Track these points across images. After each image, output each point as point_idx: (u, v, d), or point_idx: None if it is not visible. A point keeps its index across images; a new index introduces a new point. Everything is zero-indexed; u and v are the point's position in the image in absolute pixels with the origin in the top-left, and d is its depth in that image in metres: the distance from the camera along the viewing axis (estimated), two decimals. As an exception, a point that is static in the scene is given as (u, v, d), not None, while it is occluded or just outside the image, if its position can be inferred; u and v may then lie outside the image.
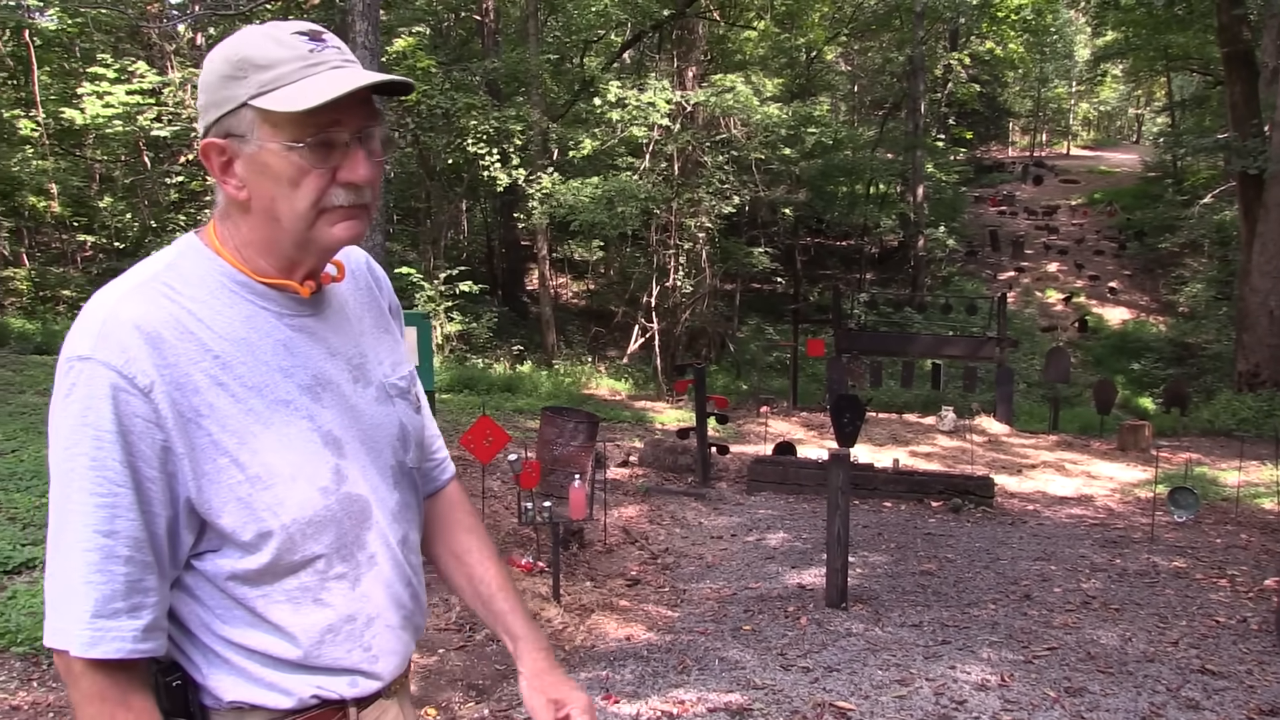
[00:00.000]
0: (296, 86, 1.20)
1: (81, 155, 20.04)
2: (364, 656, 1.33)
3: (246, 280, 1.26)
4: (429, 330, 6.17)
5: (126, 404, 1.15)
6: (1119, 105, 51.30)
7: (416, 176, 20.92)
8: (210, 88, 1.23)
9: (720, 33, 21.69)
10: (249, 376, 1.23)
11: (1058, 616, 5.43)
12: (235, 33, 1.26)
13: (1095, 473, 10.46)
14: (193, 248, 1.28)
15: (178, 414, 1.18)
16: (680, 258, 18.76)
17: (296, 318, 1.30)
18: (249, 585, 1.24)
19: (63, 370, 1.18)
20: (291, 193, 1.23)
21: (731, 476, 9.42)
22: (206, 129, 1.24)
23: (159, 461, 1.18)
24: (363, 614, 1.32)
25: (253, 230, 1.26)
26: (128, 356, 1.16)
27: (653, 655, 4.77)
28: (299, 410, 1.26)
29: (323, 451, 1.27)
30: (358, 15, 7.71)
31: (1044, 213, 31.22)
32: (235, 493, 1.20)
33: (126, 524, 1.16)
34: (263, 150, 1.21)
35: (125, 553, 1.16)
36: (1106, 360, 20.85)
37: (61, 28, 18.64)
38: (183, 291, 1.22)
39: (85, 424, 1.15)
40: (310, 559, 1.25)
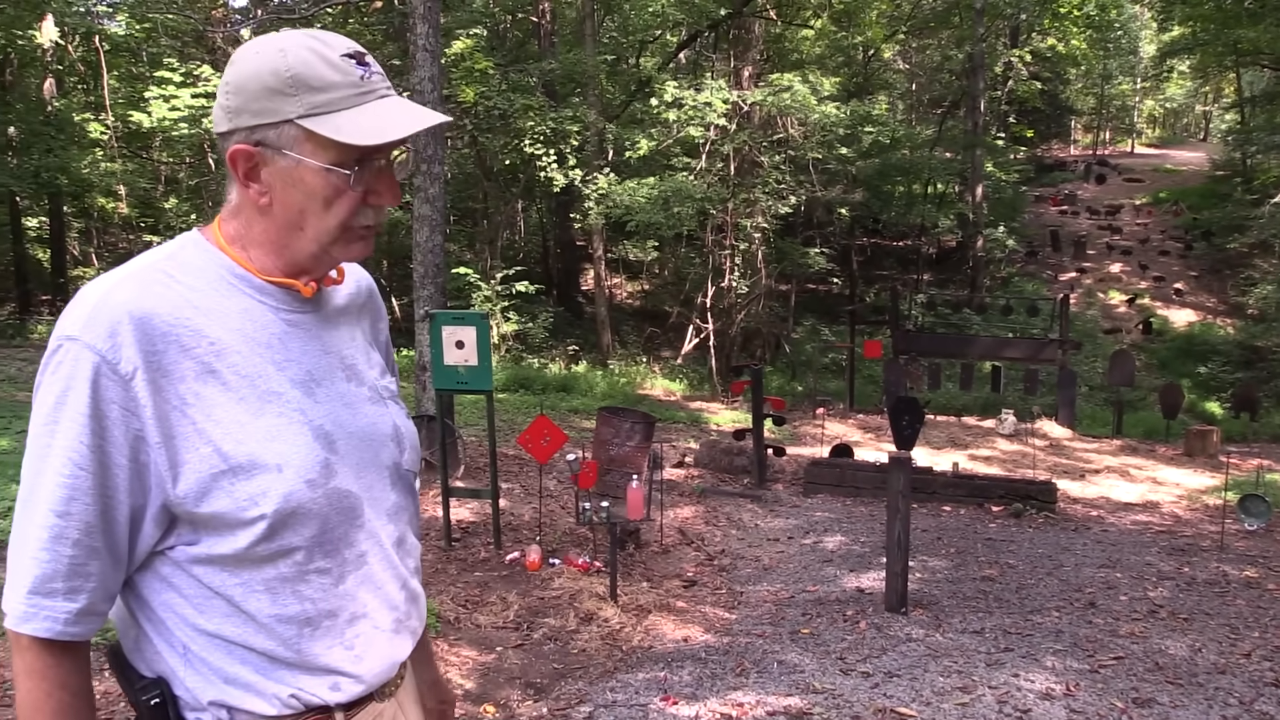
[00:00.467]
0: (350, 115, 1.23)
1: (148, 157, 20.53)
2: (345, 656, 1.30)
3: (246, 275, 1.28)
4: (487, 330, 6.21)
5: (105, 389, 1.16)
6: (1186, 102, 50.15)
7: (474, 177, 21.11)
8: (250, 94, 1.23)
9: (777, 31, 21.57)
10: (242, 365, 1.23)
11: (1124, 625, 5.31)
12: (275, 37, 1.26)
13: (1161, 479, 10.24)
14: (194, 241, 1.30)
15: (160, 401, 1.19)
16: (736, 258, 18.69)
17: (293, 313, 1.32)
18: (227, 572, 1.23)
19: (51, 348, 1.19)
20: (323, 211, 1.26)
21: (788, 478, 9.37)
22: (232, 132, 1.25)
23: (130, 450, 1.19)
24: (345, 611, 1.30)
25: (267, 233, 1.29)
26: (114, 342, 1.16)
27: (710, 657, 4.76)
28: (290, 403, 1.26)
29: (313, 445, 1.26)
30: (419, 18, 7.78)
31: (1107, 212, 30.60)
32: (217, 481, 1.20)
33: (82, 508, 1.17)
34: (300, 166, 1.24)
35: (74, 535, 1.17)
36: (1172, 363, 20.38)
37: (130, 33, 19.09)
38: (181, 280, 1.24)
39: (62, 403, 1.16)
40: (288, 550, 1.24)
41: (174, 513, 1.22)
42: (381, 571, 1.35)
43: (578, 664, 4.73)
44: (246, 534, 1.21)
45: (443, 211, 8.12)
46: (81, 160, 17.40)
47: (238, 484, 1.21)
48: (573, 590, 5.62)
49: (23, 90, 19.18)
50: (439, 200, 7.98)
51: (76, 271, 20.24)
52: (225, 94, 1.26)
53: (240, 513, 1.21)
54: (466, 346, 6.10)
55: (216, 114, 1.28)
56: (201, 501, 1.20)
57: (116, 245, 22.42)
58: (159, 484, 1.20)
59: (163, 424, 1.19)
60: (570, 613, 5.33)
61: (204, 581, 1.24)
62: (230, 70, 1.26)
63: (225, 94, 1.26)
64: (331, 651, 1.29)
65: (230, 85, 1.25)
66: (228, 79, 1.26)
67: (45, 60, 17.84)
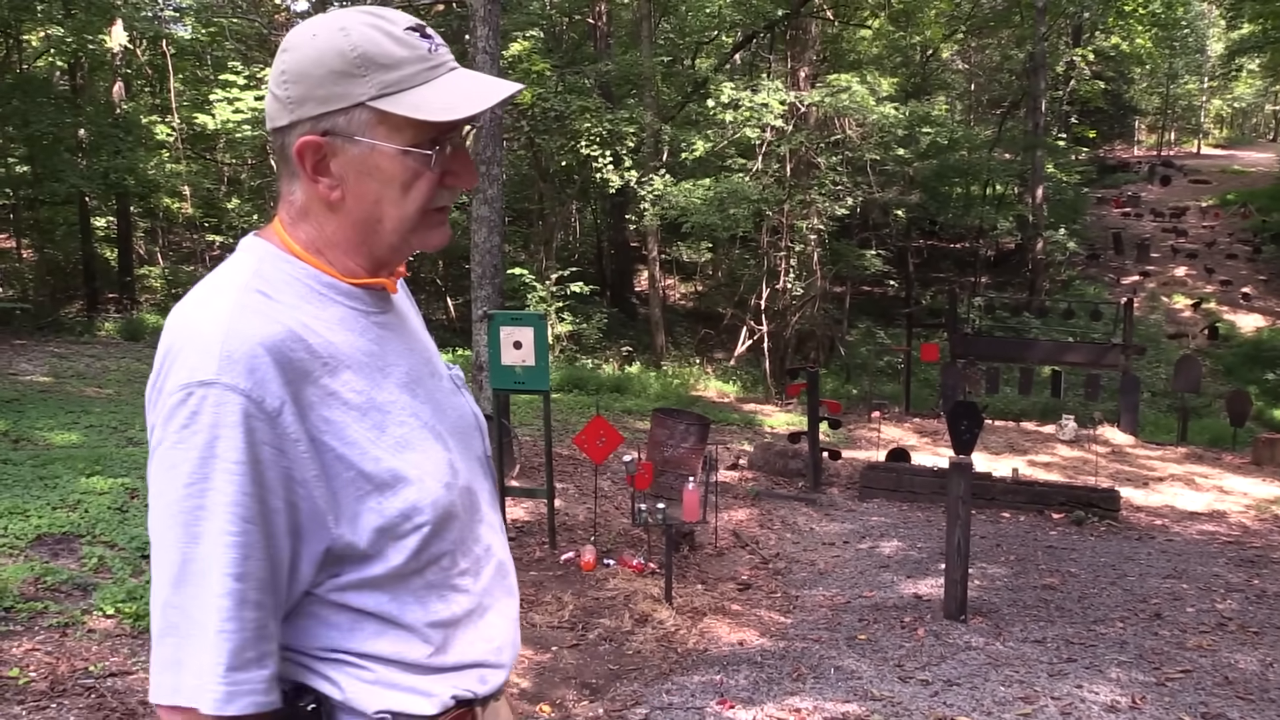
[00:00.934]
0: (423, 92, 1.16)
1: (212, 159, 20.94)
2: (487, 649, 1.29)
3: (333, 281, 1.20)
4: (545, 331, 6.23)
5: (257, 431, 1.07)
6: (1255, 101, 48.91)
7: (530, 178, 21.22)
8: (315, 81, 1.15)
9: (834, 32, 21.42)
10: (355, 381, 1.17)
11: (1191, 638, 5.19)
12: (329, 17, 1.18)
13: (1228, 487, 9.98)
14: (269, 253, 1.20)
15: (306, 436, 1.11)
16: (791, 260, 18.57)
17: (381, 314, 1.26)
18: (380, 592, 1.18)
19: (176, 399, 1.07)
20: (401, 197, 1.19)
21: (843, 482, 9.29)
22: (294, 124, 1.16)
23: (284, 491, 1.10)
24: (481, 606, 1.29)
25: (341, 231, 1.21)
26: (256, 378, 1.08)
27: (766, 661, 4.73)
28: (405, 409, 1.21)
29: (435, 446, 1.23)
30: (479, 20, 7.84)
31: (1171, 214, 29.93)
32: (365, 504, 1.15)
33: (256, 564, 1.07)
34: (375, 152, 1.16)
35: (255, 596, 1.08)
36: (1238, 370, 19.86)
37: (195, 37, 19.50)
38: (279, 298, 1.15)
39: (210, 457, 1.06)
40: (438, 557, 1.21)
41: (333, 550, 1.15)
42: (504, 560, 1.36)
43: (633, 665, 4.73)
44: (400, 550, 1.17)
45: (500, 212, 8.17)
46: (148, 161, 17.80)
47: (385, 502, 1.15)
48: (627, 591, 5.62)
49: (92, 94, 19.66)
50: (497, 201, 8.03)
51: (142, 270, 20.70)
52: (282, 84, 1.17)
53: (394, 530, 1.16)
54: (524, 347, 6.13)
55: (271, 109, 1.19)
56: (358, 529, 1.14)
57: (180, 244, 22.91)
58: (317, 523, 1.13)
59: (313, 458, 1.12)
60: (625, 614, 5.33)
61: (355, 606, 1.18)
62: (285, 58, 1.17)
63: (282, 84, 1.17)
64: (475, 646, 1.27)
65: (288, 74, 1.16)
66: (283, 68, 1.17)
67: (114, 64, 18.27)
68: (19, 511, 5.18)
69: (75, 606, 4.36)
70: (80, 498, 5.54)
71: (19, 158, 18.69)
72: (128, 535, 5.14)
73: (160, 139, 18.74)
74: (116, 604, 4.39)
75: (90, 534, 5.11)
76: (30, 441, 7.34)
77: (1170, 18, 25.97)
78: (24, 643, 3.98)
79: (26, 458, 6.43)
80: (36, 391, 9.77)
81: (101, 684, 3.79)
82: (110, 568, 4.79)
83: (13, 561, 4.64)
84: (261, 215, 19.68)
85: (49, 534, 5.01)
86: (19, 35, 18.54)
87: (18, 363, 11.91)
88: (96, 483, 5.86)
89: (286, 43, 1.18)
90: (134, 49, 19.11)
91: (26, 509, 5.23)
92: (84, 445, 7.29)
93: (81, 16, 16.95)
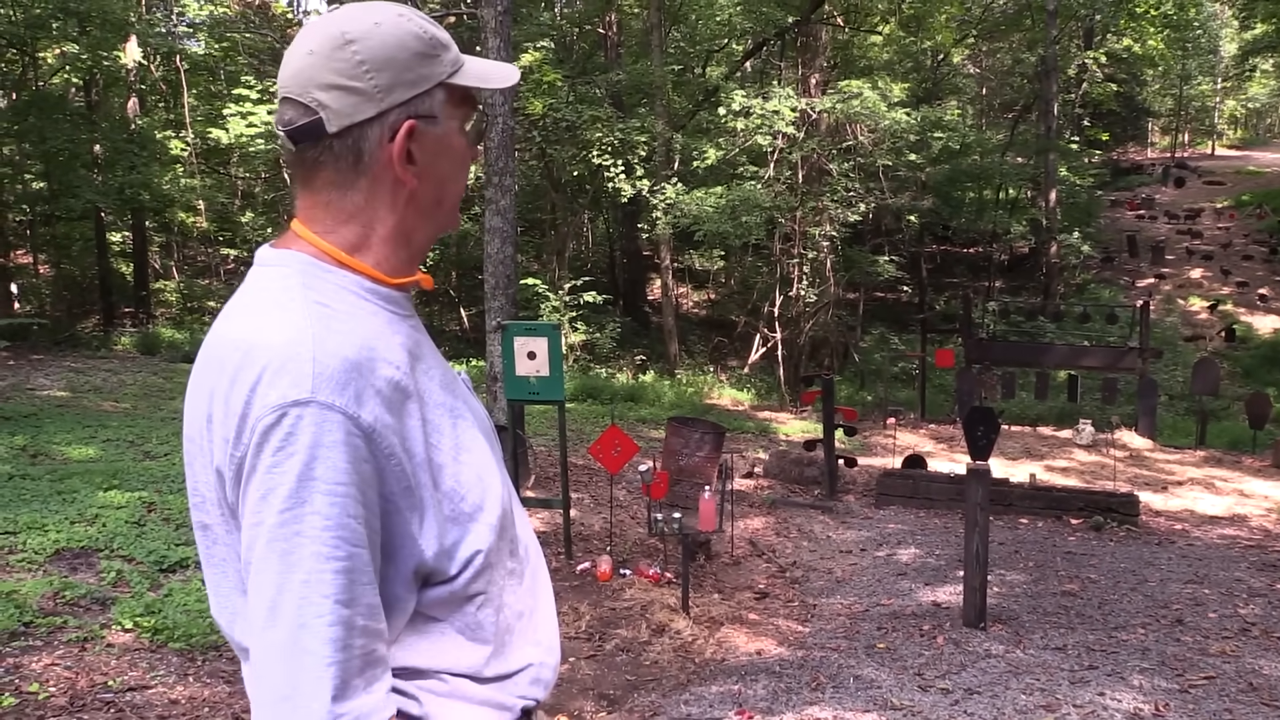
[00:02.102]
0: (471, 66, 1.20)
1: (226, 173, 21.08)
2: (537, 652, 1.28)
3: (374, 286, 1.16)
4: (559, 340, 6.23)
5: (357, 449, 1.03)
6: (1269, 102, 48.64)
7: (542, 189, 21.28)
8: (403, 65, 1.12)
9: (844, 38, 21.42)
10: (421, 387, 1.14)
11: (1214, 643, 5.14)
12: (370, 8, 1.15)
13: (1248, 491, 9.89)
14: (305, 262, 1.14)
15: (400, 448, 1.08)
16: (804, 266, 18.55)
17: (412, 317, 1.23)
18: (452, 603, 1.16)
19: (269, 420, 1.01)
20: (460, 174, 1.22)
21: (859, 489, 9.25)
22: (384, 114, 1.12)
23: (381, 511, 1.06)
24: (529, 608, 1.28)
25: (402, 223, 1.18)
26: (350, 394, 1.03)
27: (785, 671, 4.70)
28: (454, 411, 1.19)
29: (487, 447, 1.22)
30: (490, 32, 7.87)
31: (1186, 216, 29.77)
32: (441, 511, 1.12)
33: (364, 589, 1.03)
34: (449, 131, 1.18)
35: (362, 622, 1.02)
36: (1257, 372, 19.71)
37: (209, 52, 19.65)
38: (338, 310, 1.11)
39: (309, 478, 1.00)
40: (500, 560, 1.20)
41: (421, 566, 1.11)
42: (539, 559, 1.35)
43: (650, 676, 4.71)
44: (475, 554, 1.15)
45: (513, 223, 8.18)
46: (163, 176, 17.94)
47: (457, 507, 1.14)
48: (644, 601, 5.60)
49: (108, 110, 19.82)
50: (509, 212, 8.04)
51: (158, 284, 20.83)
52: (365, 75, 1.11)
53: (468, 536, 1.14)
54: (538, 357, 6.13)
55: (345, 104, 1.11)
56: (441, 539, 1.12)
57: (195, 259, 23.07)
58: (406, 538, 1.09)
59: (404, 471, 1.08)
60: (642, 624, 5.31)
61: (430, 616, 1.15)
62: (358, 48, 1.11)
63: (365, 75, 1.11)
64: (525, 650, 1.26)
65: (369, 63, 1.11)
66: (361, 58, 1.11)
67: (129, 80, 18.42)
68: (37, 526, 5.20)
69: (94, 621, 4.37)
70: (98, 512, 5.56)
71: (35, 174, 18.88)
72: (145, 549, 5.15)
73: (175, 154, 18.89)
74: (135, 618, 4.40)
75: (108, 548, 5.13)
76: (48, 456, 7.38)
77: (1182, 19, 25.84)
78: (43, 658, 3.99)
79: (44, 472, 6.46)
80: (54, 406, 9.82)
81: (121, 698, 3.80)
82: (128, 582, 4.81)
83: (32, 576, 4.66)
84: (275, 229, 19.80)
85: (67, 548, 5.03)
86: (35, 53, 18.71)
87: (35, 378, 11.98)
88: (114, 497, 5.89)
89: (345, 33, 1.11)
90: (148, 65, 19.26)
91: (45, 524, 5.25)
92: (101, 459, 7.32)
93: (96, 34, 17.11)
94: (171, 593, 4.77)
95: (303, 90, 1.12)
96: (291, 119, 1.14)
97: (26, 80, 19.19)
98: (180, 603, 4.64)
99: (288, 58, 1.16)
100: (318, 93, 1.11)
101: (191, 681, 4.06)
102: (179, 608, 4.59)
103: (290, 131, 1.14)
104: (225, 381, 1.07)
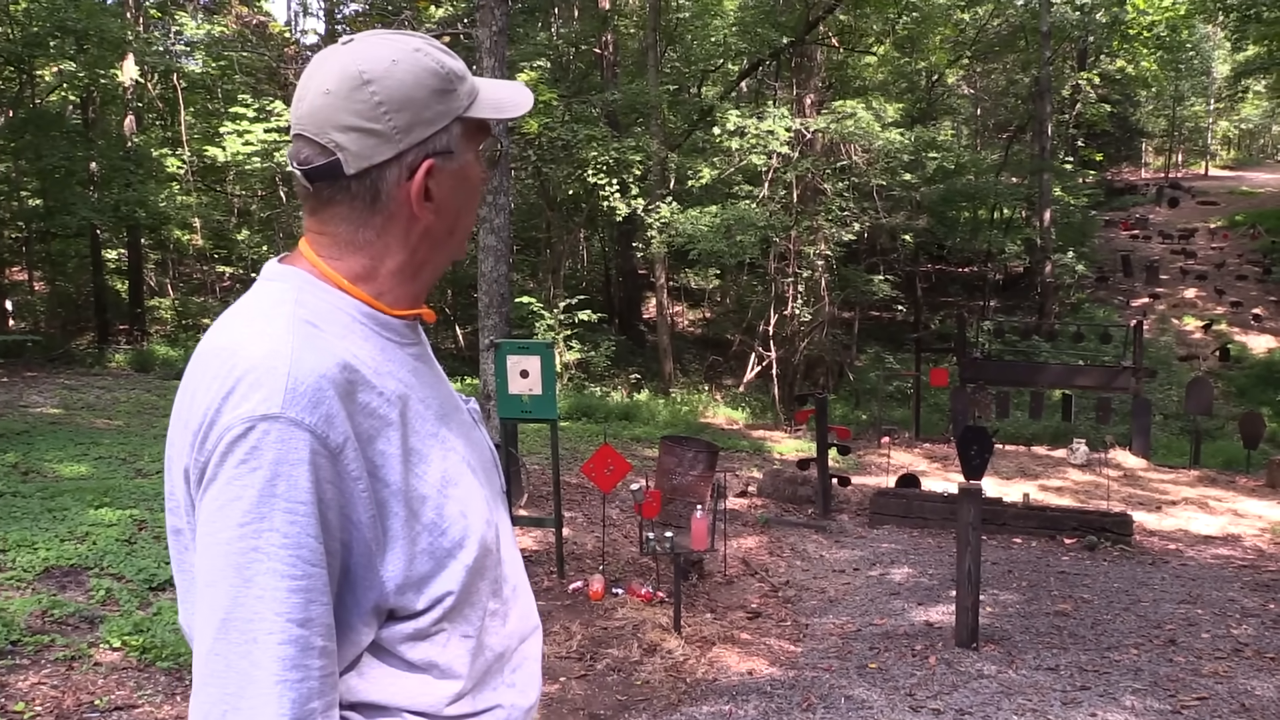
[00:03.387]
0: (486, 94, 1.19)
1: (222, 191, 21.11)
2: (511, 694, 1.25)
3: (373, 312, 1.15)
4: (552, 360, 6.24)
5: (321, 469, 1.01)
6: (1262, 122, 48.91)
7: (537, 207, 21.34)
8: (421, 104, 1.12)
9: (839, 58, 21.54)
10: (405, 415, 1.12)
11: (1207, 664, 5.13)
12: (386, 44, 1.13)
13: (1242, 510, 9.90)
14: (306, 282, 1.14)
15: (366, 473, 1.06)
16: (799, 286, 18.60)
17: (414, 346, 1.21)
18: (421, 640, 1.13)
19: (236, 432, 1.00)
20: (473, 203, 1.22)
21: (853, 509, 9.24)
22: (402, 155, 1.12)
23: (339, 533, 1.04)
24: (509, 649, 1.25)
25: (413, 255, 1.17)
26: (321, 412, 1.02)
27: (776, 691, 4.69)
28: (444, 442, 1.17)
29: (474, 481, 1.19)
30: (484, 52, 7.91)
31: (1180, 236, 29.89)
32: (417, 544, 1.10)
33: (321, 610, 1.01)
34: (466, 164, 1.18)
35: (320, 643, 1.01)
36: (1251, 391, 19.75)
37: (206, 71, 19.70)
38: (326, 329, 1.10)
39: (270, 495, 0.99)
40: (477, 598, 1.16)
41: (382, 599, 1.09)
42: (526, 599, 1.31)
43: (641, 696, 4.69)
44: (450, 593, 1.12)
45: (508, 242, 8.20)
46: (159, 194, 17.94)
47: (435, 541, 1.11)
48: (636, 621, 5.59)
49: (104, 127, 19.87)
50: (504, 230, 8.06)
51: (153, 302, 20.82)
52: (383, 117, 1.10)
53: (441, 574, 1.12)
54: (531, 376, 6.13)
55: (363, 147, 1.10)
56: (409, 572, 1.09)
57: (191, 276, 23.07)
58: (366, 567, 1.07)
59: (370, 497, 1.06)
60: (634, 643, 5.30)
61: (397, 655, 1.13)
62: (375, 89, 1.10)
63: (383, 117, 1.10)
64: (500, 692, 1.23)
65: (388, 104, 1.10)
66: (380, 99, 1.10)
67: (126, 98, 18.46)
68: (27, 544, 5.18)
69: (82, 639, 4.35)
70: (88, 530, 5.54)
71: (32, 191, 18.88)
72: (135, 567, 5.13)
73: (171, 171, 18.91)
74: (123, 636, 4.38)
75: (98, 566, 5.10)
76: (39, 473, 7.35)
77: (1175, 40, 26.06)
78: (30, 676, 3.97)
79: (35, 490, 6.44)
80: (47, 423, 9.80)
81: (107, 718, 3.77)
82: (118, 600, 4.78)
83: (20, 594, 4.63)
84: (271, 247, 19.82)
85: (57, 566, 5.01)
86: (32, 70, 18.76)
87: (28, 395, 11.95)
88: (105, 514, 5.87)
89: (363, 73, 1.10)
90: (145, 83, 19.31)
91: (35, 541, 5.23)
92: (93, 477, 7.29)
93: (94, 51, 17.17)
94: (161, 611, 4.74)
95: (319, 131, 1.11)
96: (308, 158, 1.12)
97: (24, 98, 19.23)
98: (169, 621, 4.62)
99: (302, 92, 1.14)
100: (335, 134, 1.10)
101: (179, 701, 4.03)
102: (168, 626, 4.56)
103: (307, 171, 1.13)
104: (203, 387, 1.07)
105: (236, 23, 20.54)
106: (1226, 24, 26.28)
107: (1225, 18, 24.73)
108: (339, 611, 1.06)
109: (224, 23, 20.03)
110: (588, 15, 21.38)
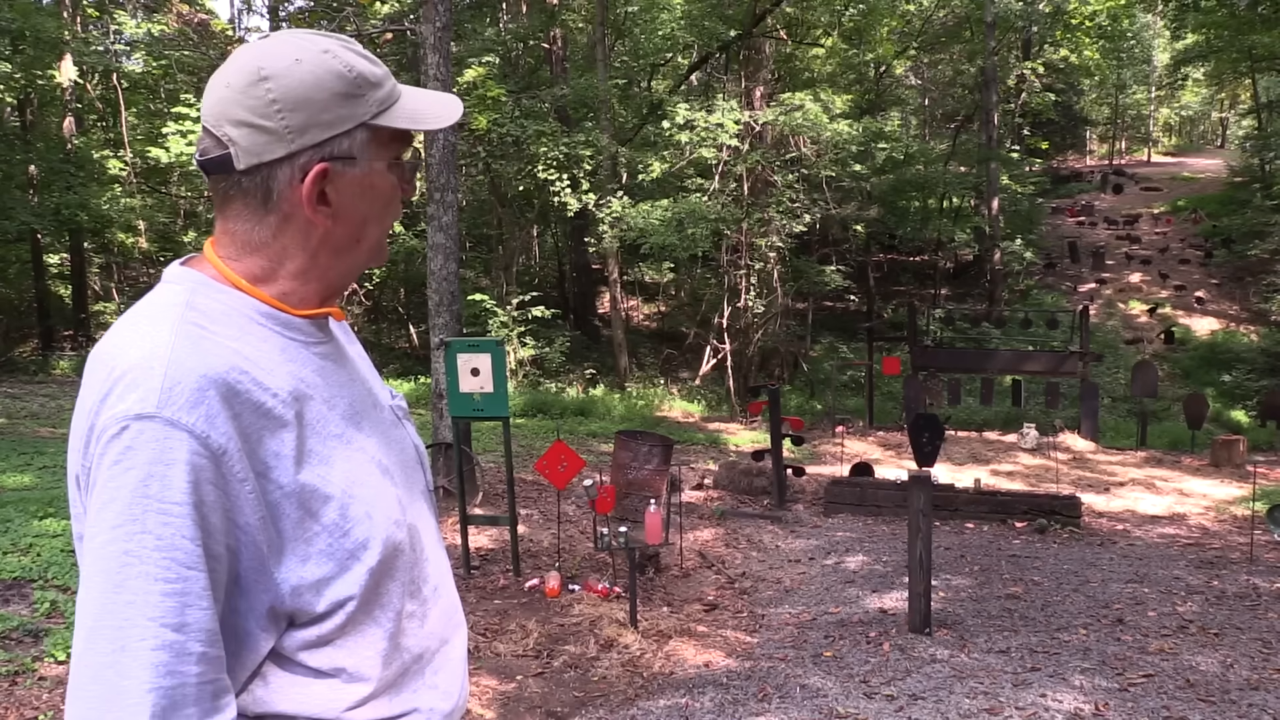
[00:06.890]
0: (402, 105, 1.17)
1: (167, 192, 20.76)
2: (431, 696, 1.22)
3: (272, 311, 1.13)
4: (503, 357, 6.21)
5: (201, 470, 0.99)
6: (1201, 109, 50.01)
7: (488, 204, 21.23)
8: (319, 105, 1.09)
9: (787, 51, 21.65)
10: (300, 415, 1.10)
11: (1153, 642, 5.23)
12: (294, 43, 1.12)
13: (1187, 490, 10.11)
14: (201, 283, 1.12)
15: (253, 475, 1.04)
16: (751, 278, 18.68)
17: (321, 345, 1.19)
18: (326, 646, 1.11)
19: (111, 433, 0.99)
20: (384, 214, 1.19)
21: (808, 498, 9.30)
22: (294, 155, 1.10)
23: (225, 536, 1.02)
24: (430, 650, 1.23)
25: (314, 260, 1.15)
26: (201, 412, 1.00)
27: (732, 682, 4.71)
28: (351, 443, 1.15)
29: (383, 482, 1.17)
30: (429, 49, 7.84)
31: (1125, 222, 30.46)
32: (314, 546, 1.08)
33: (200, 614, 0.98)
34: (372, 172, 1.15)
35: (199, 649, 0.98)
36: (1195, 373, 20.19)
37: (147, 71, 19.36)
38: (214, 330, 1.07)
39: (144, 496, 0.97)
40: (388, 601, 1.15)
41: (279, 603, 1.07)
42: (449, 599, 1.29)
43: (598, 692, 4.69)
44: (348, 594, 1.10)
45: (457, 239, 8.14)
46: (101, 197, 17.63)
47: (335, 542, 1.09)
48: (592, 617, 5.58)
49: (43, 129, 19.47)
50: (453, 228, 8.01)
51: (98, 306, 20.45)
52: (275, 114, 1.08)
53: (344, 574, 1.10)
54: (482, 373, 6.10)
55: (254, 143, 1.09)
56: (305, 574, 1.07)
57: (137, 279, 22.65)
58: (259, 571, 1.05)
59: (259, 500, 1.04)
60: (590, 639, 5.29)
61: (300, 663, 1.11)
62: (270, 86, 1.08)
63: (275, 114, 1.08)
64: (419, 694, 1.21)
65: (282, 102, 1.08)
66: (274, 96, 1.08)
67: (65, 99, 18.11)
68: (-33, 558, 5.06)
69: (26, 654, 4.26)
70: (32, 541, 5.42)
71: (-32, 196, 18.44)
72: (80, 578, 5.03)
73: (113, 174, 18.57)
74: (69, 650, 4.29)
75: (42, 578, 5.00)
76: (-19, 485, 7.19)
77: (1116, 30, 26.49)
78: (-29, 694, 3.88)
79: (-24, 502, 6.29)
80: (-12, 434, 9.59)
81: (52, 733, 3.70)
82: (63, 612, 4.69)
83: (-40, 610, 4.53)
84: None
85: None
86: (-34, 73, 18.32)
87: (-31, 405, 11.69)
88: (49, 525, 5.74)
89: (261, 70, 1.09)
90: (84, 84, 18.94)
91: (-25, 555, 5.11)
92: (37, 487, 7.14)
93: (30, 52, 16.80)
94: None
95: (216, 123, 1.10)
96: (206, 149, 1.12)
97: (-42, 101, 18.79)
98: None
99: (209, 85, 1.13)
100: (229, 128, 1.09)
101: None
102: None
103: (202, 162, 1.12)
104: (87, 392, 1.05)
105: (178, 21, 20.20)
106: (1166, 13, 26.78)
107: (1164, 7, 25.20)
108: (233, 617, 1.05)
109: (165, 21, 19.69)
110: (535, 10, 21.29)
